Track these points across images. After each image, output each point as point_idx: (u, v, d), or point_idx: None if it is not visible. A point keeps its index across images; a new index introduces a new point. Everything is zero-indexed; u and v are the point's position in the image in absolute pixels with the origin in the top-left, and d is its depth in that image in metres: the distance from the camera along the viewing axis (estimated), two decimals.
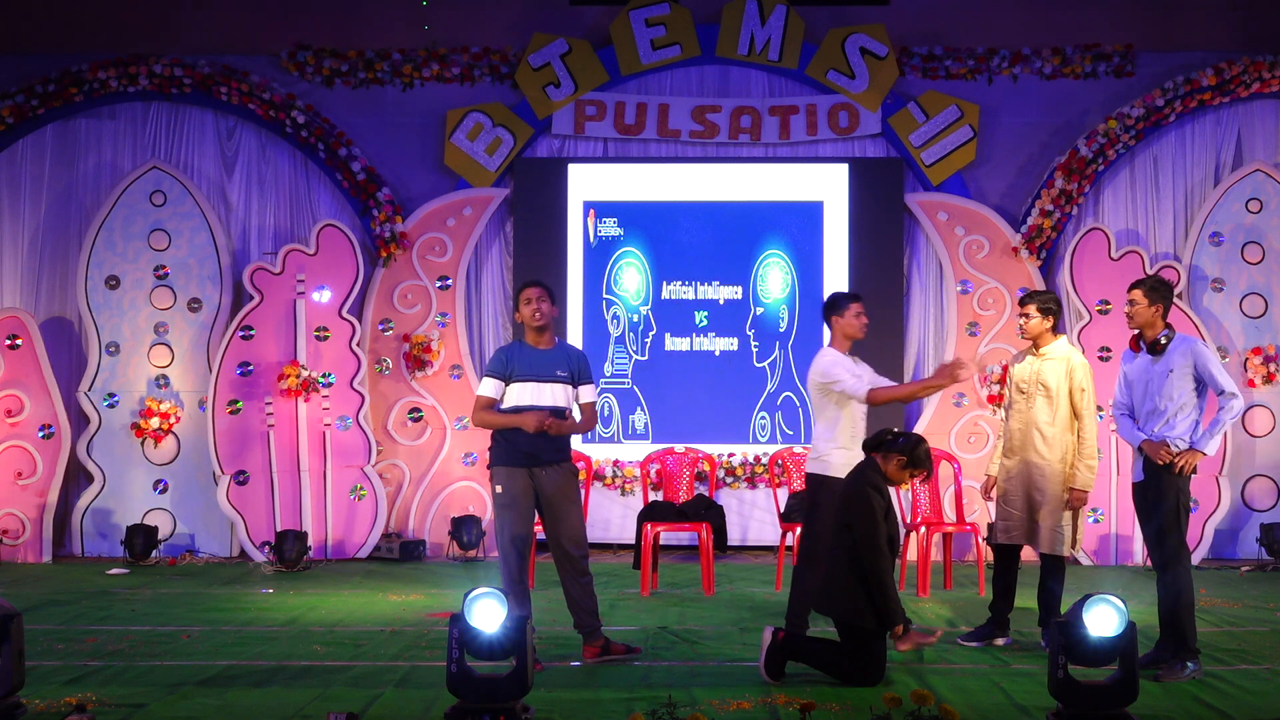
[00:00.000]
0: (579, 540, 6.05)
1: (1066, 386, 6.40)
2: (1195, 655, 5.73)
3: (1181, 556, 5.82)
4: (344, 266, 10.04)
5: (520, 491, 5.95)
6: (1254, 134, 10.36)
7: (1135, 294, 6.13)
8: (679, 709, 4.76)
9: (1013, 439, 6.52)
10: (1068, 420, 6.40)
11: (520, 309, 6.08)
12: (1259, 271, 10.14)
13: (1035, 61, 10.42)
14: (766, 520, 9.99)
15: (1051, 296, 6.61)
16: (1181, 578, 5.78)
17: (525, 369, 5.99)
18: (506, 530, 5.96)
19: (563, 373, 6.03)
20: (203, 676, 5.64)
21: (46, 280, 10.45)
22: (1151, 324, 6.09)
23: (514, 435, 5.94)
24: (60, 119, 10.43)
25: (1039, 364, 6.48)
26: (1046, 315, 6.49)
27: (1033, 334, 6.52)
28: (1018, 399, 6.52)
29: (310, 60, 10.45)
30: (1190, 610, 5.78)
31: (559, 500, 6.01)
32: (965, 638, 6.49)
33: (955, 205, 10.30)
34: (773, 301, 10.43)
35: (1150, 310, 6.07)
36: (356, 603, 7.84)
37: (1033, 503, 6.40)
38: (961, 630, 6.85)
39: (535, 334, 6.06)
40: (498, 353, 6.17)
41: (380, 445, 10.11)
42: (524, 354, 6.04)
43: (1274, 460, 9.97)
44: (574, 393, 6.08)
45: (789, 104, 10.43)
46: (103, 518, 10.00)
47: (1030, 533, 6.42)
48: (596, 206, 10.48)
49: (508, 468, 5.97)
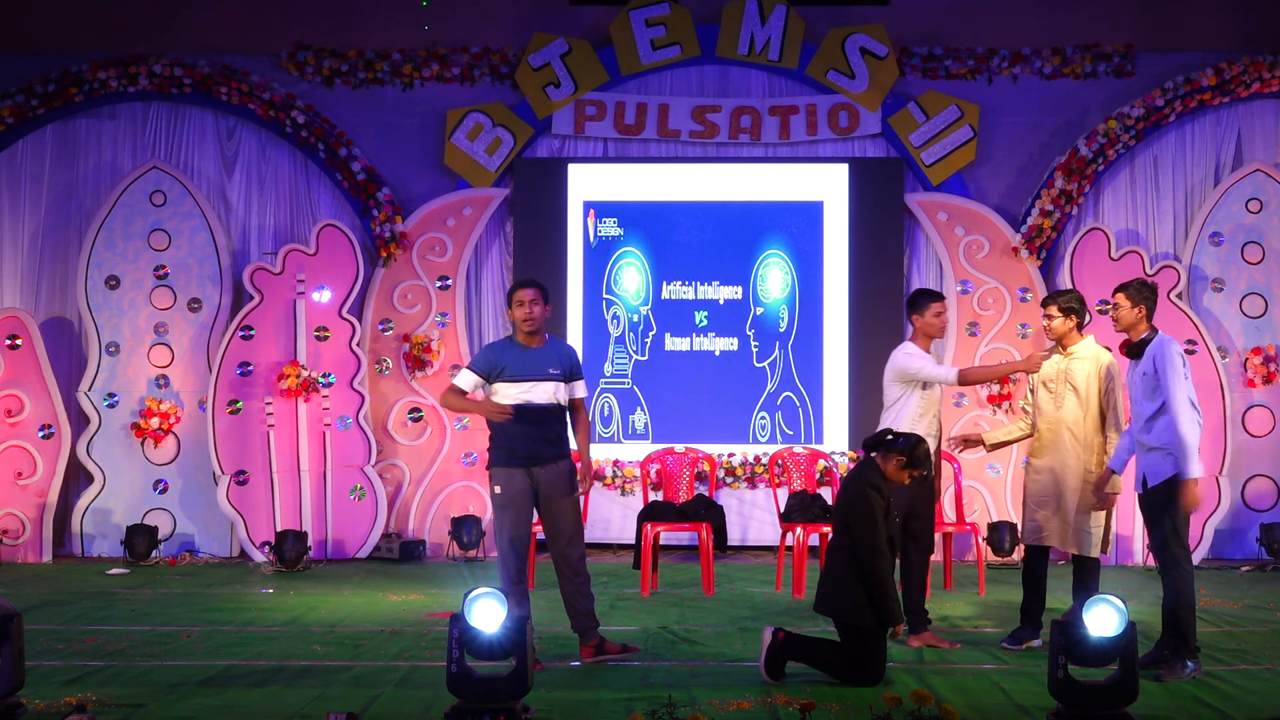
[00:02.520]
0: (574, 539, 6.05)
1: (1096, 386, 6.35)
2: (1195, 655, 5.73)
3: (1181, 560, 5.81)
4: (344, 266, 10.04)
5: (518, 491, 5.96)
6: (1254, 134, 10.36)
7: (1119, 296, 6.09)
8: (679, 709, 4.76)
9: (1040, 439, 6.47)
10: (1097, 420, 6.35)
11: (513, 309, 6.06)
12: (1259, 271, 10.13)
13: (1035, 61, 10.42)
14: (766, 520, 9.99)
15: (1074, 295, 6.53)
16: (1181, 579, 5.77)
17: (516, 368, 5.99)
18: (505, 531, 5.97)
19: (555, 370, 6.04)
20: (203, 676, 5.64)
21: (46, 280, 10.45)
22: (1135, 326, 6.05)
23: (512, 436, 5.95)
24: (60, 119, 10.43)
25: (1066, 363, 6.41)
26: (1069, 315, 6.41)
27: (1057, 334, 6.45)
28: (1044, 398, 6.45)
29: (310, 60, 10.44)
30: (1191, 610, 5.77)
31: (555, 499, 6.01)
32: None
33: (955, 205, 10.30)
34: (773, 301, 10.42)
35: (1134, 312, 6.03)
36: (356, 603, 7.84)
37: (1064, 503, 6.35)
38: (964, 631, 6.85)
39: (526, 335, 6.07)
40: (485, 349, 6.20)
41: (380, 445, 10.11)
42: (514, 353, 6.04)
43: (1274, 460, 9.96)
44: (567, 389, 6.09)
45: (789, 104, 10.43)
46: (103, 518, 10.00)
47: (1061, 534, 6.37)
48: (596, 206, 10.48)
49: (506, 469, 5.98)
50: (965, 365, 6.55)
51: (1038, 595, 6.45)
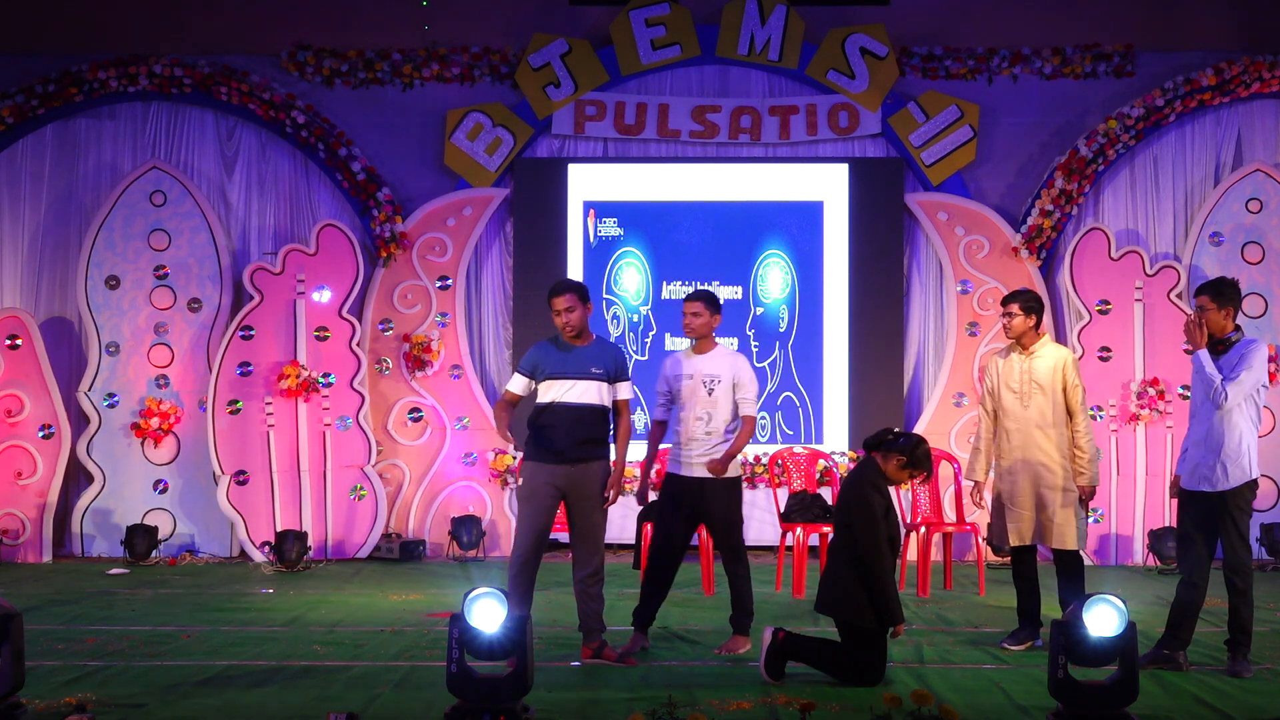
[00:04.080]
0: (595, 543, 6.07)
1: (1060, 383, 6.39)
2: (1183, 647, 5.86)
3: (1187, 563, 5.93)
4: (344, 266, 10.04)
5: (540, 486, 5.98)
6: (1254, 134, 10.36)
7: (1203, 299, 5.89)
8: (679, 709, 4.76)
9: (1009, 440, 6.49)
10: (1064, 415, 6.40)
11: (552, 315, 6.06)
12: (1259, 271, 10.14)
13: (1035, 61, 10.42)
14: (767, 520, 9.97)
15: (1034, 295, 6.62)
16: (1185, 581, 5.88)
17: (555, 367, 6.01)
18: (525, 524, 6.04)
19: (598, 370, 6.02)
20: (202, 676, 5.64)
21: (46, 280, 10.45)
22: (1224, 327, 5.88)
23: (547, 430, 5.96)
24: (60, 119, 10.43)
25: (1029, 362, 6.46)
26: (1029, 314, 6.48)
27: (1017, 332, 6.51)
28: (1009, 399, 6.49)
29: (310, 60, 10.44)
30: (1188, 611, 5.86)
31: (581, 500, 6.03)
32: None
33: (955, 205, 10.30)
34: (773, 301, 10.43)
35: (1221, 314, 5.84)
36: (356, 603, 7.84)
37: (1041, 500, 6.39)
38: (964, 631, 6.85)
39: (570, 337, 6.08)
40: (531, 349, 6.19)
41: (380, 445, 10.11)
42: (555, 351, 6.06)
43: (1274, 460, 9.96)
44: (611, 390, 6.08)
45: (789, 104, 10.43)
46: (103, 518, 10.00)
47: (1041, 531, 6.40)
48: (596, 206, 10.48)
49: (534, 462, 6.01)
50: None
51: (1032, 594, 6.47)
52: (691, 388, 6.27)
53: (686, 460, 6.29)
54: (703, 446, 6.24)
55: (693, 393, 6.26)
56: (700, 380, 6.26)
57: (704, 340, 6.33)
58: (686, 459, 6.29)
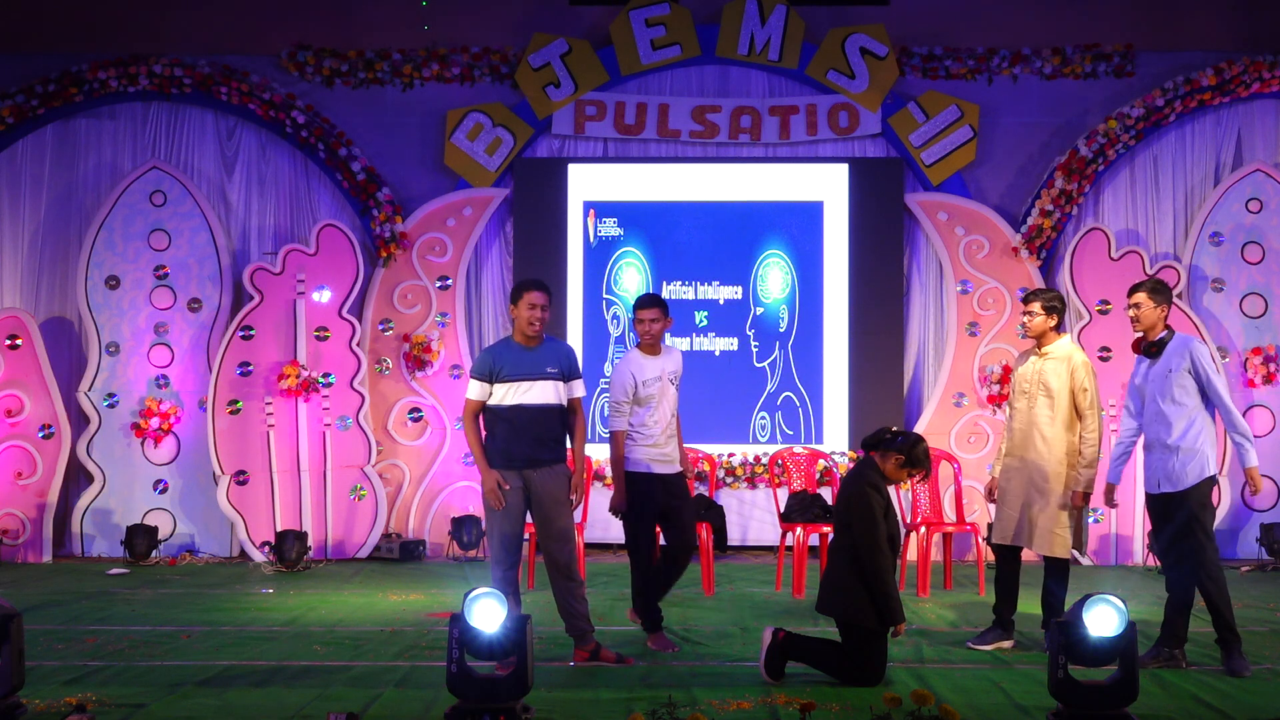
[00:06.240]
0: (566, 545, 6.02)
1: (1069, 386, 6.38)
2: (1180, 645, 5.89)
3: (1212, 554, 5.95)
4: (344, 266, 10.04)
5: (511, 493, 5.95)
6: (1254, 134, 10.37)
7: (1139, 297, 6.11)
8: (679, 709, 4.76)
9: (1014, 439, 6.51)
10: (1069, 420, 6.36)
11: (519, 308, 6.00)
12: (1259, 271, 10.14)
13: (1035, 61, 10.42)
14: (766, 520, 9.99)
15: (1056, 294, 6.58)
16: (1218, 574, 5.90)
17: (513, 368, 5.97)
18: (495, 532, 5.99)
19: (553, 369, 6.02)
20: (203, 676, 5.64)
21: (46, 280, 10.45)
22: (1155, 326, 6.09)
23: (510, 438, 5.95)
24: (60, 119, 10.43)
25: (1041, 364, 6.46)
26: (1050, 313, 6.46)
27: (1036, 332, 6.49)
28: (1019, 400, 6.50)
29: (310, 60, 10.45)
30: (1183, 610, 5.89)
31: (548, 503, 5.99)
32: (975, 640, 6.45)
33: (955, 205, 10.30)
34: (773, 301, 10.43)
35: (1156, 312, 6.07)
36: (356, 603, 7.84)
37: (1029, 502, 6.38)
38: (964, 631, 6.85)
39: (526, 337, 6.05)
40: (484, 353, 6.17)
41: (380, 445, 10.11)
42: (511, 353, 6.02)
43: (1274, 460, 9.96)
44: (566, 389, 6.08)
45: (789, 104, 10.43)
46: (103, 518, 10.00)
47: (1025, 533, 6.39)
48: (596, 206, 10.48)
49: (501, 470, 5.97)
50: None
51: (1007, 596, 6.46)
52: (661, 387, 6.44)
53: (665, 458, 6.43)
54: (673, 442, 6.49)
55: (663, 392, 6.45)
56: (667, 379, 6.47)
57: (656, 341, 6.49)
58: (664, 457, 6.43)
